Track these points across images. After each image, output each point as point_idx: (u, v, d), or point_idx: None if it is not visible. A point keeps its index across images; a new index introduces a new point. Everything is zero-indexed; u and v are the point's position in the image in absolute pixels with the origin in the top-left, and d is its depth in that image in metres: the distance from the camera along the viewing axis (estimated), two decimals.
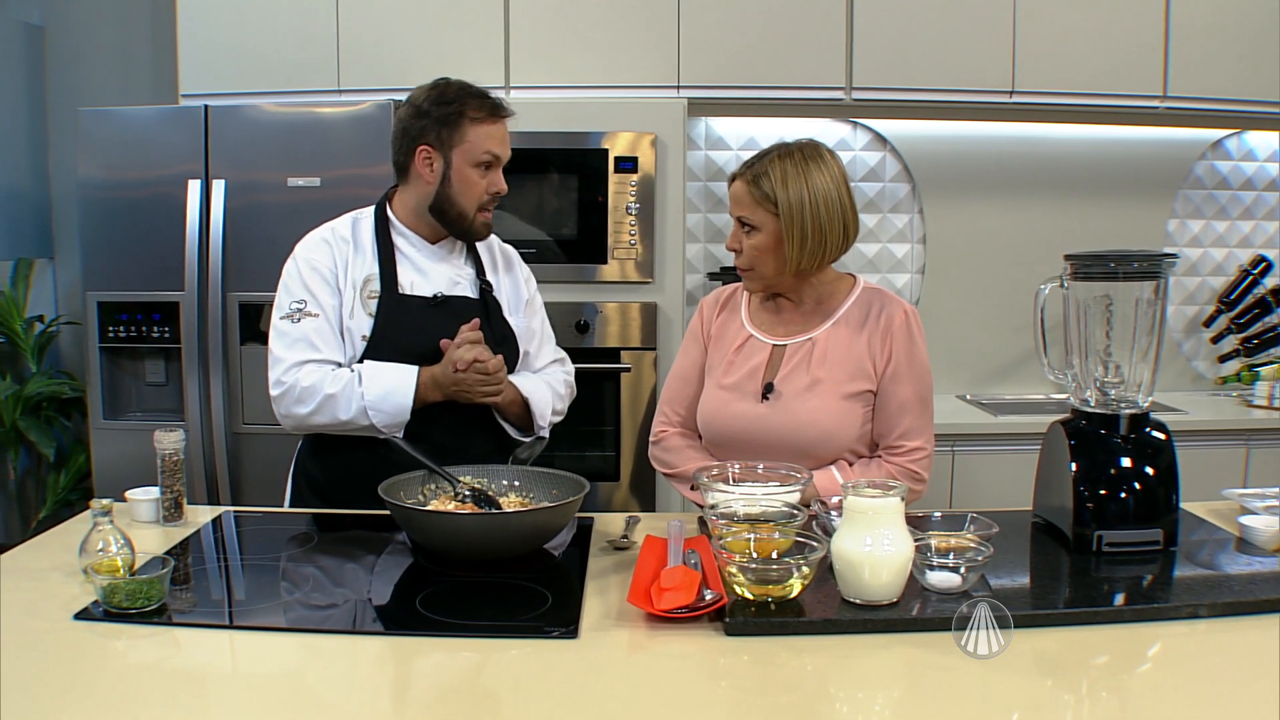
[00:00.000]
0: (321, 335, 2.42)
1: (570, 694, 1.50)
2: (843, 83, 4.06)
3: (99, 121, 3.78)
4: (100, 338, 3.82)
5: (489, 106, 2.44)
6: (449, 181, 2.44)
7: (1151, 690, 1.55)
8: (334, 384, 2.37)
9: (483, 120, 2.43)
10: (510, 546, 2.00)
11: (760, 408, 2.39)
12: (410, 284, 2.49)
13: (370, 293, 2.45)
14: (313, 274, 2.46)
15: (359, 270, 2.47)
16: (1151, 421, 2.12)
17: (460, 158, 2.43)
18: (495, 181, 2.47)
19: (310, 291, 2.44)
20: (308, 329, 2.42)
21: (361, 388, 2.36)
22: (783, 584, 1.71)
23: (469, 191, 2.45)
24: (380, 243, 2.49)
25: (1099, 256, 2.14)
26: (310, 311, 2.43)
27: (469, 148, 2.42)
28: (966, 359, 4.62)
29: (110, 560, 1.83)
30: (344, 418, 2.36)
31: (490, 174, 2.46)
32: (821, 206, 2.31)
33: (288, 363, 2.40)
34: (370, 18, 4.00)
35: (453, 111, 2.41)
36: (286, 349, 2.42)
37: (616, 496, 3.89)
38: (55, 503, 4.50)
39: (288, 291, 2.47)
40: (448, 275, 2.53)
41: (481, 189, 2.45)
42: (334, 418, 2.37)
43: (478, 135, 2.42)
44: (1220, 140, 4.62)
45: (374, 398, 2.35)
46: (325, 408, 2.36)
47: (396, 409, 2.36)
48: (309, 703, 1.48)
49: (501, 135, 2.47)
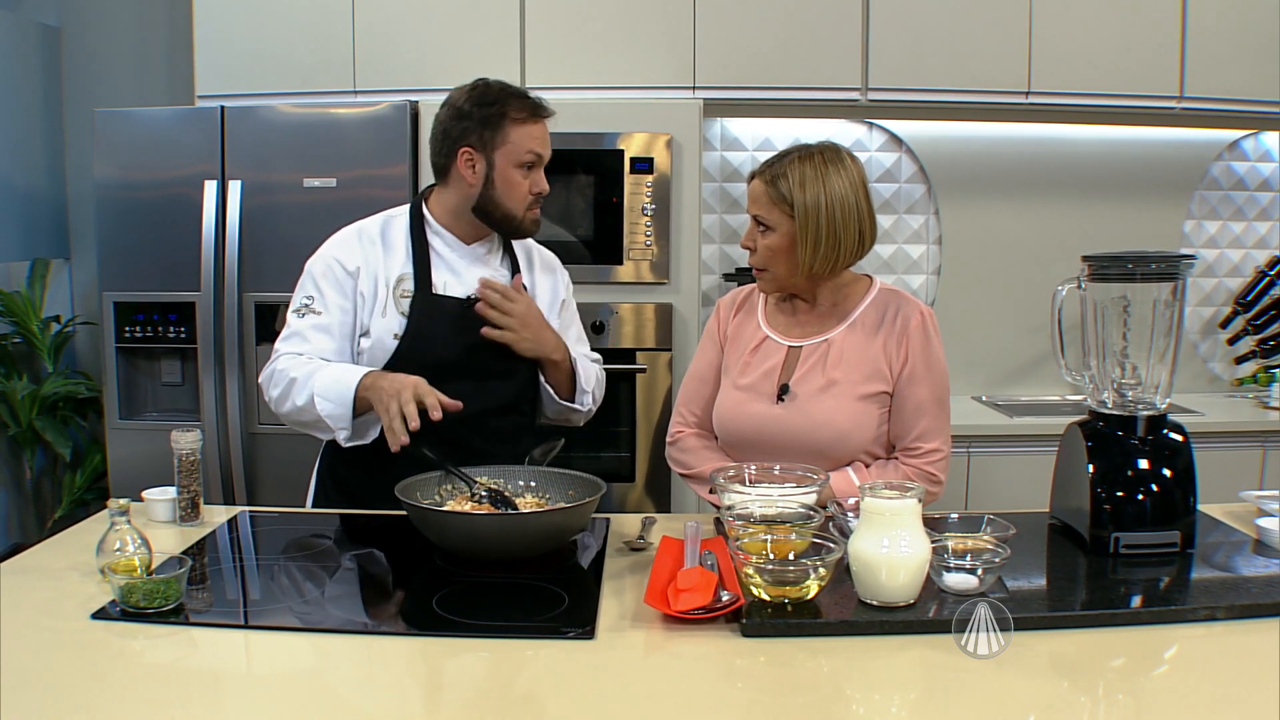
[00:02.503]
0: (316, 332, 2.43)
1: (587, 695, 1.50)
2: (858, 83, 4.06)
3: (115, 122, 3.80)
4: (116, 338, 3.84)
5: (530, 106, 2.43)
6: (492, 183, 2.43)
7: (1168, 692, 1.54)
8: (299, 369, 2.37)
9: (525, 120, 2.42)
10: (527, 547, 2.00)
11: (776, 409, 2.38)
12: (444, 284, 2.48)
13: (404, 292, 2.45)
14: (327, 273, 2.46)
15: (392, 269, 2.47)
16: (1169, 423, 2.12)
17: (503, 159, 2.41)
18: (538, 181, 2.46)
19: (320, 290, 2.45)
20: (307, 324, 2.44)
21: (315, 376, 2.35)
22: (799, 585, 1.71)
23: (513, 192, 2.44)
24: (415, 242, 2.49)
25: (1116, 258, 2.13)
26: (315, 309, 2.44)
27: (512, 148, 2.41)
28: (983, 360, 4.61)
29: (128, 560, 1.84)
30: (299, 403, 2.35)
31: (533, 174, 2.45)
32: (838, 211, 2.30)
33: (279, 353, 2.43)
34: (386, 19, 4.01)
35: (495, 113, 2.40)
36: (283, 341, 2.45)
37: (632, 497, 3.89)
38: (71, 502, 4.51)
39: (302, 286, 2.49)
40: (482, 275, 2.51)
41: (525, 189, 2.44)
42: (293, 404, 2.37)
43: (520, 136, 2.41)
44: (1237, 141, 4.60)
45: (323, 385, 2.33)
46: (288, 393, 2.37)
47: (340, 397, 2.31)
48: (325, 703, 1.48)
49: (543, 135, 2.46)
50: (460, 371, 2.42)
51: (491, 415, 2.47)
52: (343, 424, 2.34)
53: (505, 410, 2.52)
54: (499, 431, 2.49)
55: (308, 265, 2.51)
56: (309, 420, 2.37)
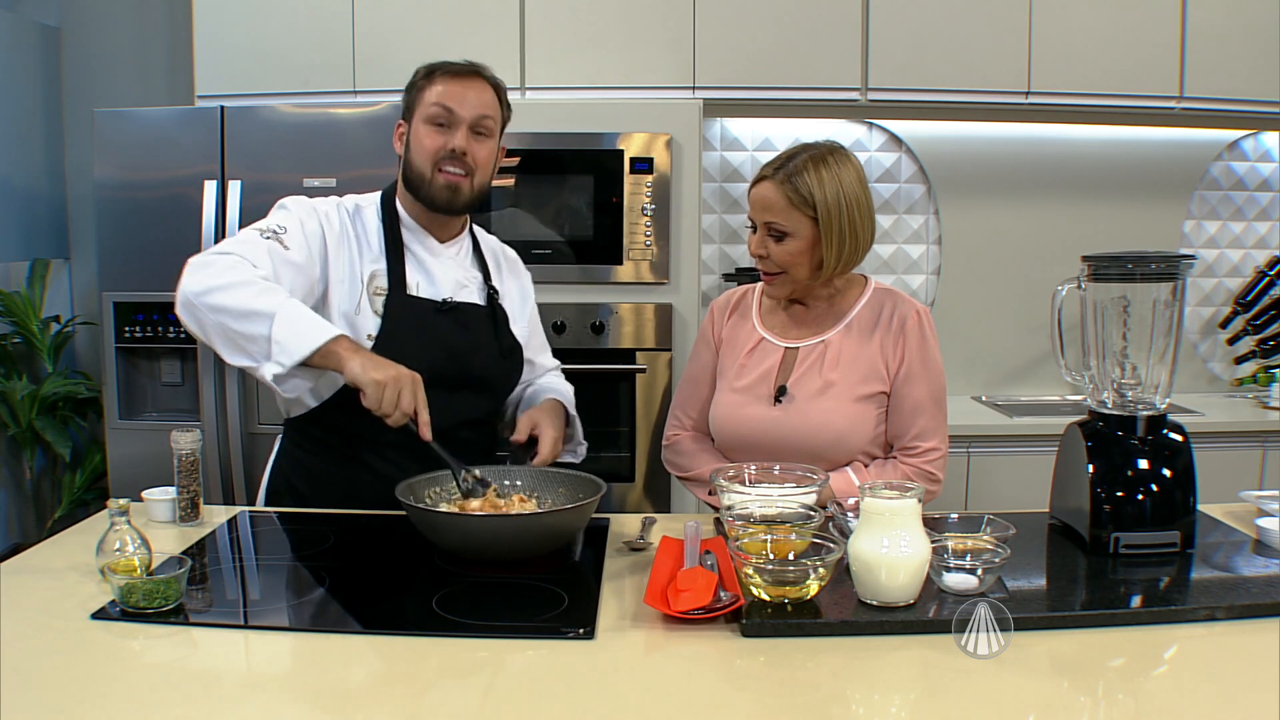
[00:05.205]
0: (275, 261, 2.20)
1: (586, 695, 1.50)
2: (858, 83, 4.06)
3: (115, 122, 3.80)
4: (116, 338, 3.84)
5: (447, 68, 2.36)
6: (410, 147, 2.38)
7: (1168, 693, 1.54)
8: (257, 278, 2.13)
9: (436, 80, 2.35)
10: (527, 548, 2.00)
11: (773, 411, 2.38)
12: (416, 285, 2.38)
13: (377, 289, 2.35)
14: (311, 217, 2.32)
15: (365, 265, 2.36)
16: (1169, 423, 2.11)
17: (417, 120, 2.36)
18: (452, 139, 2.32)
19: (303, 230, 2.29)
20: (271, 248, 2.21)
21: (283, 297, 2.12)
22: (799, 585, 1.71)
23: (421, 149, 2.34)
24: (389, 238, 2.40)
25: (1116, 258, 2.13)
26: (285, 242, 2.24)
27: (423, 108, 2.34)
28: (982, 360, 4.62)
29: (127, 560, 1.84)
30: (247, 305, 2.07)
31: (447, 132, 2.33)
32: (854, 207, 2.30)
33: (224, 249, 2.18)
34: (386, 19, 4.01)
35: (415, 80, 2.38)
36: (236, 243, 2.21)
37: (631, 497, 3.89)
38: (71, 502, 4.52)
39: (274, 216, 2.32)
40: (454, 277, 2.44)
41: (435, 145, 2.32)
42: (238, 300, 2.08)
43: (430, 93, 2.34)
44: (1236, 141, 4.61)
45: (290, 311, 2.09)
46: (235, 285, 2.09)
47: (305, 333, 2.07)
48: (325, 703, 1.48)
49: (457, 92, 2.33)
50: (434, 380, 2.17)
51: (463, 427, 2.38)
52: (287, 359, 2.06)
53: (476, 423, 2.45)
54: (469, 444, 2.38)
55: (287, 200, 2.36)
56: (241, 330, 2.08)
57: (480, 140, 2.36)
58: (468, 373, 2.40)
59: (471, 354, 2.40)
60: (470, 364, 2.40)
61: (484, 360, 2.43)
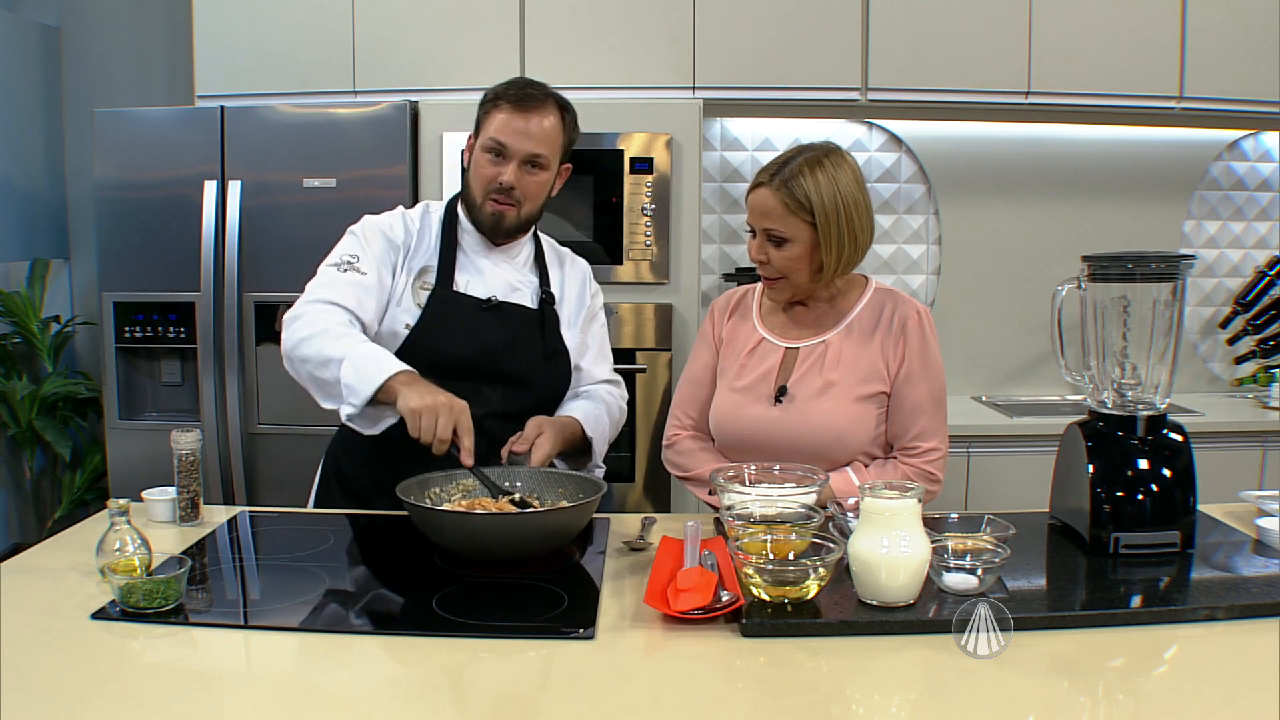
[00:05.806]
0: (358, 290, 2.35)
1: (587, 695, 1.50)
2: (858, 83, 4.06)
3: (115, 122, 3.80)
4: (116, 338, 3.84)
5: (510, 96, 2.40)
6: (468, 168, 2.46)
7: (1168, 693, 1.54)
8: (336, 324, 2.28)
9: (500, 109, 2.40)
10: (528, 547, 2.00)
11: (774, 411, 2.38)
12: (466, 284, 2.46)
13: (424, 284, 2.45)
14: (378, 237, 2.44)
15: (418, 259, 2.47)
16: (1169, 423, 2.12)
17: (479, 144, 2.43)
18: (503, 172, 2.39)
19: (367, 250, 2.41)
20: (347, 280, 2.36)
21: (352, 340, 2.25)
22: (799, 585, 1.71)
23: (476, 175, 2.43)
24: (445, 236, 2.49)
25: (1116, 258, 2.13)
26: (360, 269, 2.38)
27: (483, 135, 2.42)
28: (982, 360, 4.62)
29: (127, 560, 1.84)
30: (327, 354, 2.22)
31: (500, 163, 2.40)
32: (853, 209, 2.30)
33: (312, 297, 2.34)
34: (386, 19, 4.01)
35: (484, 100, 2.44)
36: (319, 287, 2.36)
37: (631, 497, 3.89)
38: (71, 502, 4.52)
39: (345, 245, 2.44)
40: (507, 280, 2.50)
41: (487, 176, 2.41)
42: (319, 351, 2.23)
43: (491, 122, 2.40)
44: (1236, 141, 4.61)
45: (357, 354, 2.21)
46: (316, 338, 2.25)
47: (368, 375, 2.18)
48: (325, 703, 1.48)
49: (516, 126, 2.37)
50: (466, 371, 2.39)
51: (491, 418, 2.40)
52: (355, 399, 2.19)
53: (505, 417, 2.45)
54: (493, 435, 2.38)
55: (352, 229, 2.47)
56: (322, 377, 2.24)
57: (533, 174, 2.43)
58: (503, 369, 2.46)
59: (509, 352, 2.46)
60: (506, 361, 2.46)
61: (523, 359, 2.48)
